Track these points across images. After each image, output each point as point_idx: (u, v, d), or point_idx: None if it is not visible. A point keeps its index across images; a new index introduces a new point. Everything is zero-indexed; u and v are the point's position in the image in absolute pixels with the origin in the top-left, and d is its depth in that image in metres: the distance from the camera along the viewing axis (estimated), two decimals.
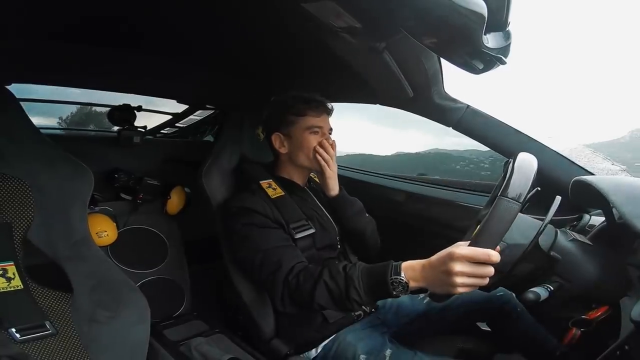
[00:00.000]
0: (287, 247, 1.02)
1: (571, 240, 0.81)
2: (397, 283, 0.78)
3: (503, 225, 0.66)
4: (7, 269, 0.82)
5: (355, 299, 0.84)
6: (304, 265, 0.97)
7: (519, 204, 0.65)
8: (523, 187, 0.66)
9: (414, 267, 0.78)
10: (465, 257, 0.68)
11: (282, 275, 0.95)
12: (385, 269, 0.81)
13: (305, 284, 0.90)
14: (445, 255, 0.72)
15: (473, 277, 0.69)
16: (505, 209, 0.65)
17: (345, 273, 0.86)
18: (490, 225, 0.67)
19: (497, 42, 0.69)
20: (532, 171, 0.68)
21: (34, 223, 0.88)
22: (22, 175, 0.89)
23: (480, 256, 0.67)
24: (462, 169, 2.59)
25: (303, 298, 0.91)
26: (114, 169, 1.50)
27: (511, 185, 0.66)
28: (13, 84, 1.02)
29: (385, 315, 1.18)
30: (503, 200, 0.65)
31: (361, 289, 0.83)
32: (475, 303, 1.14)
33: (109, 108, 1.51)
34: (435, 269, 0.74)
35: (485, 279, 0.70)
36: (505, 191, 0.66)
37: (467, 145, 2.66)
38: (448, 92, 1.22)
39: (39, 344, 0.80)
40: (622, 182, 0.83)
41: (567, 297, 0.77)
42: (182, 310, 1.51)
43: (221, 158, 1.26)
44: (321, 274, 0.89)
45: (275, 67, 1.33)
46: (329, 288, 0.87)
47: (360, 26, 0.74)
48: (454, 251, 0.70)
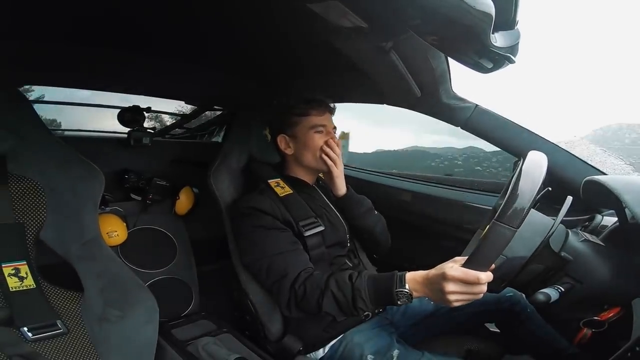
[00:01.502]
0: (294, 251, 1.02)
1: (583, 240, 0.80)
2: (401, 295, 0.82)
3: (496, 250, 0.68)
4: (20, 269, 0.84)
5: (361, 308, 0.88)
6: (310, 272, 0.98)
7: (513, 230, 0.65)
8: (519, 212, 0.65)
9: (416, 280, 0.82)
10: (457, 279, 0.72)
11: (288, 282, 0.96)
12: (391, 281, 0.84)
13: (313, 294, 0.93)
14: (439, 275, 0.76)
15: (466, 294, 0.74)
16: (499, 234, 0.65)
17: (352, 283, 0.89)
18: (484, 249, 0.68)
19: (505, 41, 0.68)
20: (536, 185, 0.66)
21: (46, 223, 0.89)
22: (35, 176, 0.90)
23: (471, 279, 0.71)
24: (437, 165, 2.72)
25: (310, 306, 0.93)
26: (124, 170, 1.52)
27: (508, 209, 0.65)
28: (25, 85, 1.04)
29: (393, 315, 1.18)
30: (497, 226, 0.65)
31: (367, 299, 0.87)
32: (484, 304, 1.12)
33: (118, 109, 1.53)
34: (432, 285, 0.78)
35: (479, 295, 0.74)
36: (501, 217, 0.65)
37: (445, 143, 2.82)
38: (456, 91, 1.22)
39: (50, 343, 0.81)
40: (635, 182, 0.82)
41: (578, 298, 0.76)
42: (190, 310, 1.52)
43: (229, 158, 1.27)
44: (328, 284, 0.91)
45: (283, 68, 1.34)
46: (336, 298, 0.90)
47: (366, 26, 0.74)
48: (446, 272, 0.74)
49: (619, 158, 1.25)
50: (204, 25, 0.97)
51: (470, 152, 2.53)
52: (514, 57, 0.72)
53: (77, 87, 1.38)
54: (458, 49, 0.73)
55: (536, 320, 1.10)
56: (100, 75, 1.24)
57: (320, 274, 0.97)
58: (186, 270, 1.59)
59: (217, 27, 0.99)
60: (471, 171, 2.45)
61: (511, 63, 0.73)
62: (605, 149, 1.27)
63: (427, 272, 0.81)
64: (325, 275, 0.94)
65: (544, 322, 1.08)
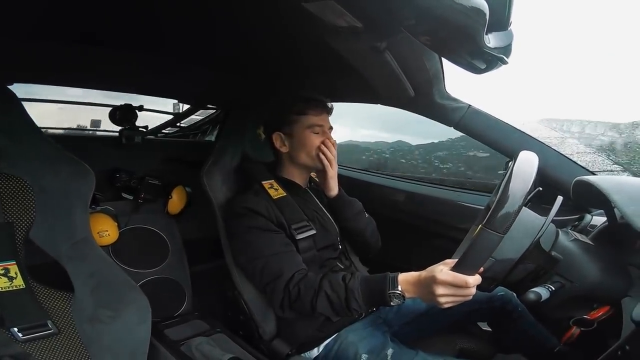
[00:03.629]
0: (288, 253, 1.03)
1: (573, 240, 0.81)
2: (394, 296, 0.84)
3: (483, 254, 0.70)
4: (9, 269, 0.82)
5: (355, 309, 0.89)
6: (304, 273, 0.99)
7: (500, 236, 0.66)
8: (508, 217, 0.66)
9: (408, 281, 0.84)
10: (446, 283, 0.75)
11: (282, 283, 0.97)
12: (384, 283, 0.86)
13: (306, 294, 0.94)
14: (429, 278, 0.78)
15: (455, 296, 0.77)
16: (487, 239, 0.67)
17: (346, 284, 0.90)
18: (472, 253, 0.70)
19: (498, 42, 0.69)
20: (527, 187, 0.68)
21: (35, 223, 0.88)
22: (24, 175, 0.88)
23: (459, 283, 0.74)
24: (367, 158, 2.89)
25: (304, 307, 0.94)
26: (115, 169, 1.50)
27: (497, 214, 0.66)
28: (15, 84, 1.02)
29: (386, 314, 1.18)
30: (485, 231, 0.67)
31: (360, 300, 0.89)
32: (476, 303, 1.14)
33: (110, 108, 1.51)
34: (424, 287, 0.81)
35: (468, 297, 0.76)
36: (489, 222, 0.67)
37: (377, 137, 3.03)
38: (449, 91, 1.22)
39: (40, 343, 0.80)
40: (623, 182, 0.83)
41: (568, 297, 0.77)
42: (183, 310, 1.51)
43: (223, 158, 1.26)
44: (321, 285, 0.92)
45: (276, 67, 1.33)
46: (330, 299, 0.91)
47: (361, 26, 0.74)
48: (436, 276, 0.76)
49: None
50: (197, 22, 0.96)
51: (397, 145, 2.78)
52: (507, 58, 0.72)
53: (69, 85, 1.36)
54: (452, 50, 0.74)
55: (527, 319, 1.11)
56: (92, 73, 1.22)
57: (314, 275, 0.97)
58: (179, 270, 1.58)
59: (211, 25, 0.98)
60: (397, 163, 2.70)
61: (504, 64, 0.74)
62: (593, 149, 1.30)
63: (418, 274, 0.83)
64: (319, 277, 0.95)
65: (535, 321, 1.10)
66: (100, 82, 1.33)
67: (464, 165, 2.40)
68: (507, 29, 0.69)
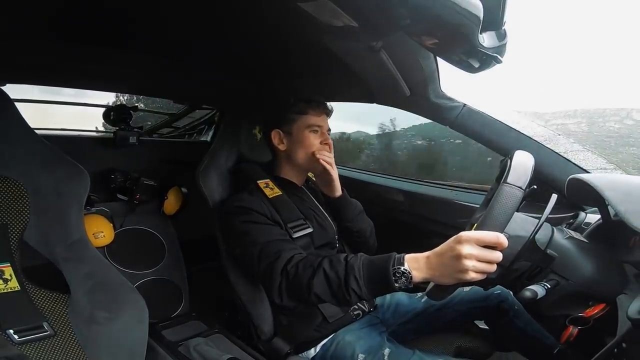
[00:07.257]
0: (286, 240, 1.01)
1: (567, 238, 0.81)
2: (399, 274, 0.75)
3: (507, 211, 0.66)
4: (4, 270, 0.82)
5: (354, 289, 0.80)
6: (304, 255, 0.94)
7: (522, 190, 0.65)
8: (524, 176, 0.67)
9: (418, 259, 0.76)
10: (474, 240, 0.67)
11: (280, 264, 0.91)
12: (388, 259, 0.78)
13: (304, 273, 0.87)
14: (452, 240, 0.70)
15: (482, 262, 0.67)
16: (509, 194, 0.66)
17: (347, 262, 0.83)
18: (495, 210, 0.67)
19: (493, 41, 0.69)
20: (530, 165, 0.69)
21: (29, 224, 0.88)
22: (17, 176, 0.88)
23: (490, 238, 0.66)
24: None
25: (301, 288, 0.87)
26: (110, 170, 1.49)
27: (512, 173, 0.67)
28: (7, 84, 1.02)
29: (383, 314, 1.19)
30: (506, 187, 0.66)
31: (361, 279, 0.80)
32: (472, 301, 1.14)
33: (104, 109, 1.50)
34: (443, 256, 0.72)
35: (494, 266, 0.68)
36: (507, 178, 0.67)
37: (338, 128, 3.07)
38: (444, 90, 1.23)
39: (37, 345, 0.80)
40: (617, 180, 0.83)
41: (564, 295, 0.78)
42: (180, 311, 1.50)
43: (218, 158, 1.25)
44: (321, 263, 0.86)
45: (272, 67, 1.33)
46: (327, 277, 0.83)
47: (356, 25, 0.74)
48: (462, 234, 0.69)
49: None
50: (193, 24, 0.96)
51: (358, 135, 2.93)
52: (501, 57, 0.73)
53: (63, 85, 1.35)
54: (447, 49, 0.74)
55: (524, 317, 1.11)
56: (86, 74, 1.22)
57: (314, 257, 0.91)
58: (175, 271, 1.57)
59: (206, 26, 0.97)
60: (358, 152, 2.87)
61: (498, 63, 0.74)
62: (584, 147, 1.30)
63: (432, 250, 0.75)
64: (320, 257, 0.89)
65: (531, 319, 1.10)
66: (95, 83, 1.32)
67: (414, 152, 2.72)
68: (501, 28, 0.70)
